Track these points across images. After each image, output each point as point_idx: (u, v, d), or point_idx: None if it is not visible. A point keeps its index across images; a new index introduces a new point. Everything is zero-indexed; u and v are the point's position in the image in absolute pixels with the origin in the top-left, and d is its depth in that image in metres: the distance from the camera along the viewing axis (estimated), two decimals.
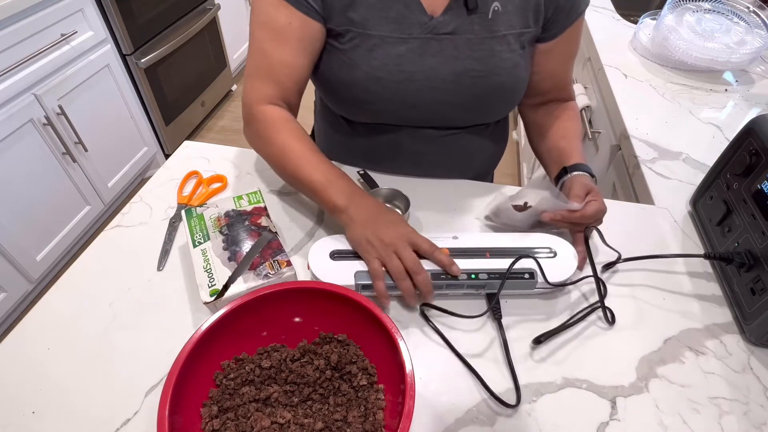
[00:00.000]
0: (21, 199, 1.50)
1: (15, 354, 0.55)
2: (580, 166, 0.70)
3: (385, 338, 0.47)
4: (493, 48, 0.67)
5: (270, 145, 0.67)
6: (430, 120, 0.74)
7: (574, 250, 0.62)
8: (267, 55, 0.66)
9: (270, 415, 0.47)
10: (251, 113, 0.68)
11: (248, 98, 0.69)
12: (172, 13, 2.04)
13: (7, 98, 1.39)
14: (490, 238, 0.63)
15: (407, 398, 0.41)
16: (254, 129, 0.68)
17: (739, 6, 1.13)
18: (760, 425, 0.50)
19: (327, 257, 0.59)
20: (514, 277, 0.58)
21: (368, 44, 0.66)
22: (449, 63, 0.67)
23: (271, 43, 0.66)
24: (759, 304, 0.55)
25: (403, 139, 0.77)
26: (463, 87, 0.69)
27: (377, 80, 0.67)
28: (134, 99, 1.94)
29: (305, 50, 0.67)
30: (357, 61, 0.67)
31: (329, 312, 0.52)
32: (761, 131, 0.60)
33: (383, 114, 0.73)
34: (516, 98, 0.74)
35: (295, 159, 0.65)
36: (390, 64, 0.66)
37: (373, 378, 0.49)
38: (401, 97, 0.69)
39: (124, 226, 0.71)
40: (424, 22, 0.65)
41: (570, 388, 0.53)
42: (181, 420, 0.43)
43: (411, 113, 0.72)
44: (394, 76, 0.67)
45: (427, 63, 0.67)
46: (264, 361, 0.50)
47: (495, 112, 0.76)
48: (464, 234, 0.63)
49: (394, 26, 0.65)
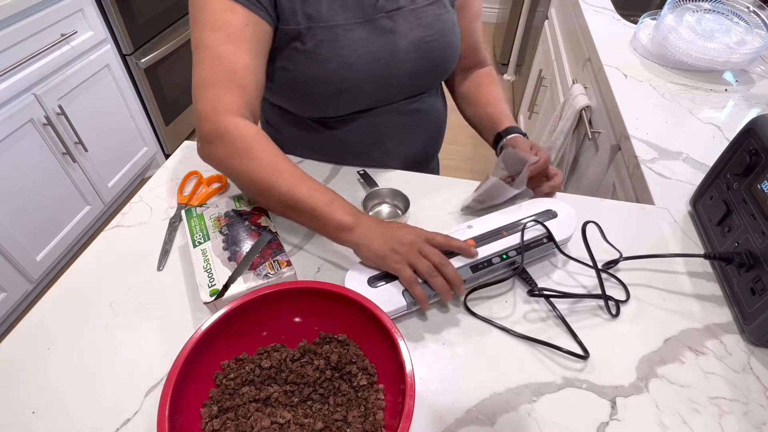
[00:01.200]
0: (21, 199, 1.50)
1: (15, 354, 0.55)
2: (511, 129, 0.77)
3: (385, 338, 0.47)
4: (435, 12, 0.73)
5: (253, 163, 0.60)
6: (401, 92, 0.78)
7: (567, 205, 0.67)
8: (224, 59, 0.61)
9: (270, 415, 0.47)
10: (218, 128, 0.60)
11: (209, 110, 0.61)
12: (172, 13, 2.04)
13: (7, 98, 1.39)
14: (499, 218, 0.66)
15: (407, 398, 0.41)
16: (227, 146, 0.60)
17: (739, 6, 1.13)
18: (760, 425, 0.50)
19: (366, 286, 0.57)
20: (534, 245, 0.63)
21: (332, 36, 0.67)
22: (406, 35, 0.71)
23: (227, 47, 0.61)
24: (759, 304, 0.55)
25: (380, 120, 0.79)
26: (423, 53, 0.73)
27: (351, 66, 0.69)
28: (134, 99, 1.94)
29: (261, 53, 0.65)
30: (326, 54, 0.68)
31: (329, 312, 0.52)
32: (761, 131, 0.60)
33: (358, 99, 0.75)
34: (458, 55, 0.80)
35: (288, 178, 0.59)
36: (358, 49, 0.69)
37: (373, 378, 0.49)
38: (375, 77, 0.72)
39: (124, 226, 0.71)
40: (373, 4, 0.69)
41: (570, 388, 0.53)
42: (181, 420, 0.43)
43: (384, 91, 0.75)
44: (364, 58, 0.70)
45: (387, 40, 0.71)
46: (264, 361, 0.50)
47: (447, 71, 0.80)
48: (476, 221, 0.65)
49: (351, 13, 0.68)
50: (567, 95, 1.32)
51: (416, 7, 0.71)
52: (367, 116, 0.78)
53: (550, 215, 0.66)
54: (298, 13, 0.66)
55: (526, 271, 0.63)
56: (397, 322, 0.59)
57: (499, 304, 0.61)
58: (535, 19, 2.41)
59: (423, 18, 0.72)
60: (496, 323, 0.59)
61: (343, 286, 0.58)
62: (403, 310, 0.57)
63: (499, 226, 0.64)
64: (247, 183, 0.62)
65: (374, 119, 0.79)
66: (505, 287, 0.63)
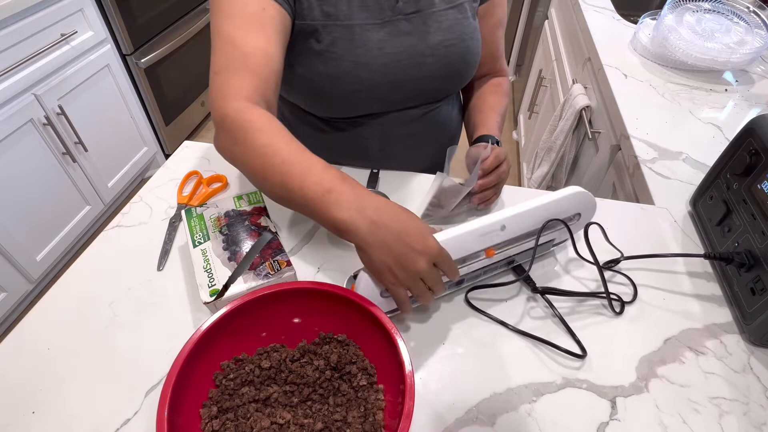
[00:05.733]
0: (21, 199, 1.50)
1: (15, 354, 0.55)
2: (481, 138, 0.76)
3: (385, 338, 0.47)
4: (456, 16, 0.72)
5: (247, 149, 0.53)
6: (416, 97, 0.77)
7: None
8: (237, 43, 0.57)
9: (270, 415, 0.47)
10: (224, 113, 0.55)
11: (218, 96, 0.57)
12: (172, 13, 2.04)
13: (7, 98, 1.39)
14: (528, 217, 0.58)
15: (407, 399, 0.41)
16: (226, 132, 0.55)
17: (739, 6, 1.13)
18: (760, 425, 0.50)
19: (379, 297, 0.53)
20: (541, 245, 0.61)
21: (349, 35, 0.67)
22: (424, 38, 0.70)
23: (241, 31, 0.58)
24: (759, 304, 0.55)
25: (391, 125, 0.79)
26: (441, 57, 0.72)
27: (366, 66, 0.69)
28: (134, 99, 1.94)
29: (279, 39, 0.61)
30: (340, 53, 0.68)
31: (329, 312, 0.52)
32: (761, 131, 0.60)
33: (373, 101, 0.74)
34: (478, 62, 0.78)
35: (280, 166, 0.51)
36: (373, 50, 0.68)
37: (372, 378, 0.49)
38: (390, 79, 0.71)
39: (124, 226, 0.71)
40: (393, 5, 0.68)
41: (570, 388, 0.53)
42: (181, 420, 0.43)
43: (399, 94, 0.74)
44: (379, 59, 0.69)
45: (405, 42, 0.70)
46: (264, 361, 0.50)
47: (467, 77, 0.79)
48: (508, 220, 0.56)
49: (370, 14, 0.68)
50: (567, 95, 1.32)
51: (436, 11, 0.70)
52: (379, 120, 0.78)
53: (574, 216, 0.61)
54: (315, 9, 0.65)
55: (523, 268, 0.63)
56: (397, 321, 0.59)
57: (500, 301, 0.61)
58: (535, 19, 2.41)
59: (443, 22, 0.71)
60: (493, 317, 0.59)
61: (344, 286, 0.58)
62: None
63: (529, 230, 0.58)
64: (247, 174, 0.55)
65: (386, 124, 0.78)
66: (506, 289, 0.63)
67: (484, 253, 0.57)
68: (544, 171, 1.40)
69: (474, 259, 0.57)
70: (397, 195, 0.75)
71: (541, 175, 1.42)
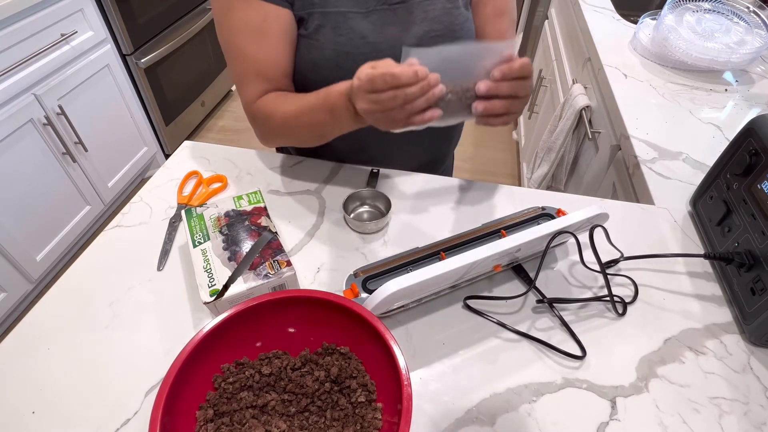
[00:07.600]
0: (21, 199, 1.50)
1: (15, 354, 0.55)
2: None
3: (387, 354, 0.46)
4: (445, 6, 0.70)
5: (276, 131, 0.70)
6: None
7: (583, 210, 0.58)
8: (250, 59, 0.68)
9: (265, 423, 0.46)
10: (253, 114, 0.71)
11: (245, 102, 0.71)
12: (172, 13, 2.04)
13: (7, 98, 1.39)
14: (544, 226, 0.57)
15: (403, 423, 0.39)
16: (260, 126, 0.72)
17: (739, 6, 1.13)
18: (760, 425, 0.50)
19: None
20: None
21: (332, 22, 0.68)
22: (409, 29, 0.70)
23: (252, 46, 0.67)
24: (759, 304, 0.55)
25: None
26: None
27: (347, 55, 0.69)
28: (134, 99, 1.94)
29: (285, 41, 0.68)
30: (324, 40, 0.68)
31: (333, 322, 0.51)
32: (761, 131, 0.60)
33: None
34: None
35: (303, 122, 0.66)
36: (356, 39, 0.68)
37: (372, 396, 0.48)
38: None
39: (124, 226, 0.71)
40: None
41: (570, 388, 0.53)
42: (176, 421, 0.43)
43: None
44: (361, 49, 0.69)
45: (389, 33, 0.70)
46: (264, 367, 0.50)
47: None
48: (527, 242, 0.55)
49: (355, 2, 0.68)
50: (567, 95, 1.32)
51: (423, 0, 0.69)
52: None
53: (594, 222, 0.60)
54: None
55: (524, 269, 0.63)
56: (398, 321, 0.59)
57: (500, 302, 0.61)
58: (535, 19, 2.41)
59: (430, 12, 0.69)
60: (492, 318, 0.59)
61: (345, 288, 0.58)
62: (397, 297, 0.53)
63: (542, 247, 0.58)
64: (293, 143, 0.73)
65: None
66: (506, 288, 0.63)
67: (492, 267, 0.58)
68: (544, 171, 1.40)
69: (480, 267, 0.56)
70: (397, 195, 0.75)
71: (541, 175, 1.42)
